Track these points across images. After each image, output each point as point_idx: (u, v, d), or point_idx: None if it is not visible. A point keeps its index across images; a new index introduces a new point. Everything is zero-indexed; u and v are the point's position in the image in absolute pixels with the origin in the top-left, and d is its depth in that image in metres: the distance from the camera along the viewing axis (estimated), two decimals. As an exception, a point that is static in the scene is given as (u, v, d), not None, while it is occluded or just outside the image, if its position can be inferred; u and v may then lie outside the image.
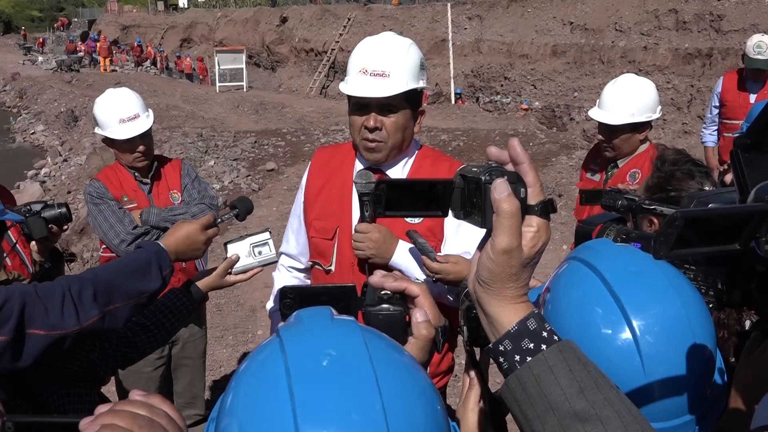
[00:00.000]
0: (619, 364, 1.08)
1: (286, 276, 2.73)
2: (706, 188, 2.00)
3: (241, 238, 2.31)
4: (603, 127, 3.69)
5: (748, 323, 1.47)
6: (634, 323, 1.12)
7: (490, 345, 0.95)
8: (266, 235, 2.31)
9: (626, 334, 1.12)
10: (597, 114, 3.75)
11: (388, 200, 0.95)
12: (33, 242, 2.55)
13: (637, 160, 3.67)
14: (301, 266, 2.71)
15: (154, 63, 37.57)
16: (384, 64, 2.33)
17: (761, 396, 0.91)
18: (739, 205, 0.86)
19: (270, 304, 2.79)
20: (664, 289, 1.15)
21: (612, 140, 3.67)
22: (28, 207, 2.54)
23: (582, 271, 1.19)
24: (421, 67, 2.42)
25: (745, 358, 1.16)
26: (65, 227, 2.65)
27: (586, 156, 4.22)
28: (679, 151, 2.19)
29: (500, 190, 0.89)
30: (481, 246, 0.95)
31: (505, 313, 0.92)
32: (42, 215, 2.53)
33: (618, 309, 1.13)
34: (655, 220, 1.97)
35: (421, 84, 2.42)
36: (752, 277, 1.14)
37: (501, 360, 0.93)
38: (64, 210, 2.56)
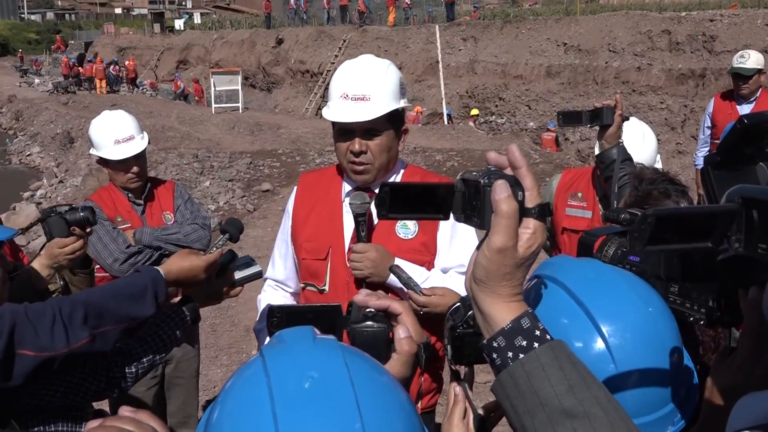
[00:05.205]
0: (593, 365, 1.11)
1: (272, 294, 2.68)
2: (682, 206, 2.04)
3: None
4: None
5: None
6: (602, 327, 1.18)
7: (483, 341, 0.97)
8: (257, 267, 2.31)
9: (597, 339, 1.18)
10: None
11: (391, 203, 0.97)
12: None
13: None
14: (289, 291, 2.69)
15: (132, 81, 37.23)
16: (364, 87, 2.35)
17: (732, 404, 0.93)
18: (708, 205, 0.90)
19: (257, 324, 2.69)
20: (623, 290, 1.23)
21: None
22: (54, 209, 2.57)
23: (546, 285, 1.24)
24: (401, 87, 2.44)
25: (716, 369, 1.19)
26: (89, 230, 2.64)
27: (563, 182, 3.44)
28: (656, 170, 2.23)
29: (500, 191, 0.92)
30: (479, 245, 0.97)
31: (499, 311, 0.95)
32: (64, 216, 2.54)
33: (584, 314, 1.19)
34: None
35: (403, 103, 2.44)
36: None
37: (494, 356, 0.95)
38: (86, 213, 2.56)
